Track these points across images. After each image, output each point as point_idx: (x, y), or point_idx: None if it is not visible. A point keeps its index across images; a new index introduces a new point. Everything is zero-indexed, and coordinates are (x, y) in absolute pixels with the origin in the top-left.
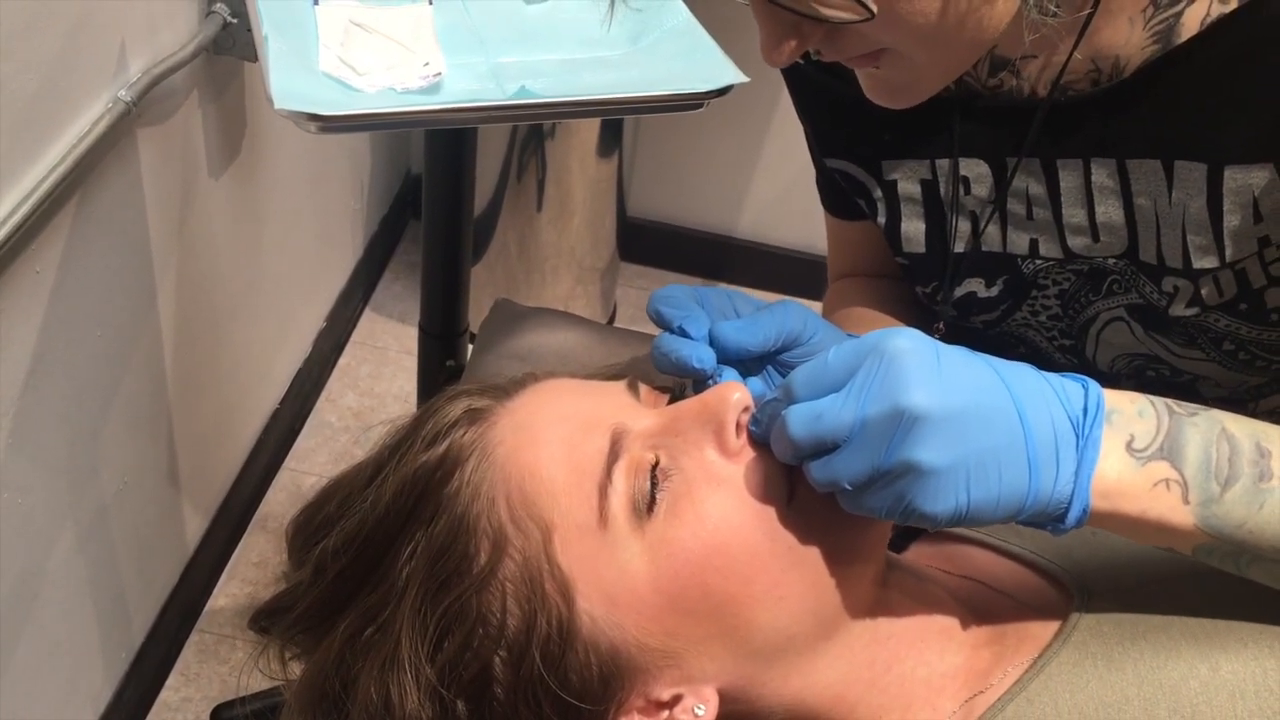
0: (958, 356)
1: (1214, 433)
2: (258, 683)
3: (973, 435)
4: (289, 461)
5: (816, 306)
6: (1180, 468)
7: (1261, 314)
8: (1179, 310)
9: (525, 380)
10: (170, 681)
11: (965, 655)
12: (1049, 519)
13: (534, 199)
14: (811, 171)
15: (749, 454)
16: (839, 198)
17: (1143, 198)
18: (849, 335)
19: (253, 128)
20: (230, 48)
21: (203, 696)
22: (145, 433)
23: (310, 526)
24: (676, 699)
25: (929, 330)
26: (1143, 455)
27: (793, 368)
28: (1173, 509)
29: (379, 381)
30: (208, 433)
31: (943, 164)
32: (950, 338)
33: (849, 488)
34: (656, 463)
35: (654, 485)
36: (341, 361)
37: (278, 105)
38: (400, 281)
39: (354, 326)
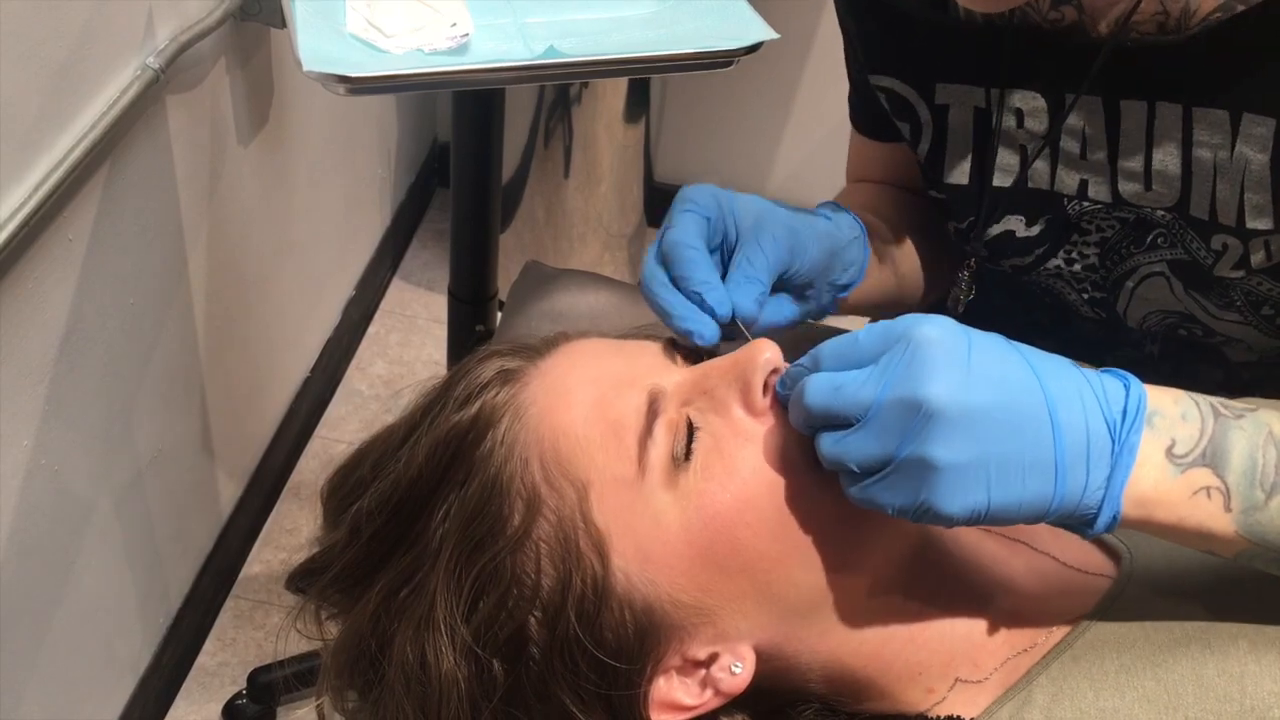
0: (991, 348)
1: (1260, 437)
2: (294, 647)
3: (995, 435)
4: (320, 429)
5: None
6: (1223, 475)
7: None
8: (1224, 270)
9: (557, 340)
10: (207, 646)
11: (1008, 613)
12: (1077, 523)
13: (561, 166)
14: (841, 133)
15: (777, 413)
16: (875, 118)
17: (1203, 149)
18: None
19: (280, 95)
20: (256, 13)
21: (239, 661)
22: (178, 401)
23: (344, 488)
24: (713, 657)
25: (956, 270)
26: (1183, 461)
27: (800, 286)
28: (1213, 516)
29: (408, 349)
30: (240, 401)
31: (998, 93)
32: (977, 281)
33: (856, 469)
34: (688, 419)
35: (690, 440)
36: (371, 330)
37: (306, 67)
38: (428, 250)
39: (383, 295)
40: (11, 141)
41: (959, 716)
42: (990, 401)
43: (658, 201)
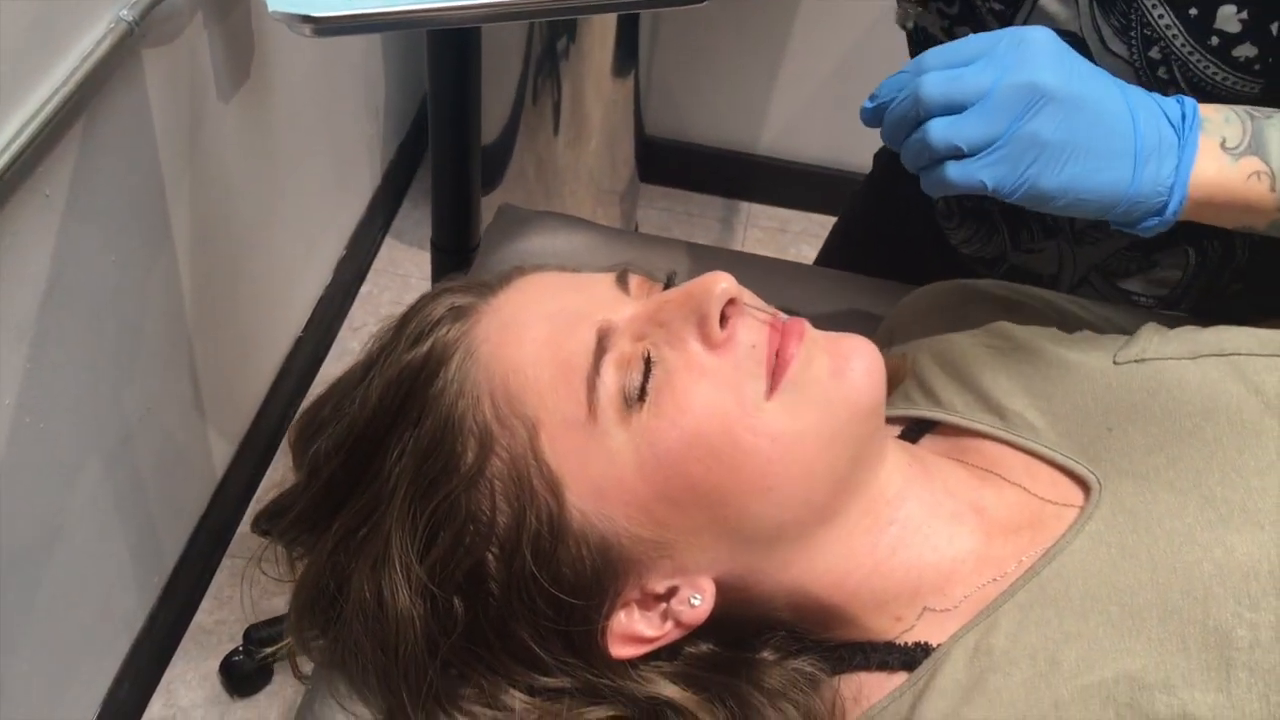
0: (1081, 59)
1: None
2: (279, 606)
3: (1092, 122)
4: (314, 389)
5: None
6: (1268, 161)
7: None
8: None
9: (511, 275)
10: (204, 605)
11: (977, 542)
12: (1148, 213)
13: (550, 122)
14: (832, 84)
15: (733, 345)
16: None
17: None
18: None
19: (261, 50)
20: None
21: (236, 619)
22: (167, 359)
23: (309, 429)
24: (672, 590)
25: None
26: (1236, 152)
27: None
28: (1261, 196)
29: (401, 308)
30: (231, 360)
31: None
32: None
33: (965, 149)
34: (645, 355)
35: (645, 377)
36: (363, 289)
37: (271, 8)
38: (420, 209)
39: (375, 254)
40: None
41: (926, 643)
42: (1089, 95)
43: (650, 156)
